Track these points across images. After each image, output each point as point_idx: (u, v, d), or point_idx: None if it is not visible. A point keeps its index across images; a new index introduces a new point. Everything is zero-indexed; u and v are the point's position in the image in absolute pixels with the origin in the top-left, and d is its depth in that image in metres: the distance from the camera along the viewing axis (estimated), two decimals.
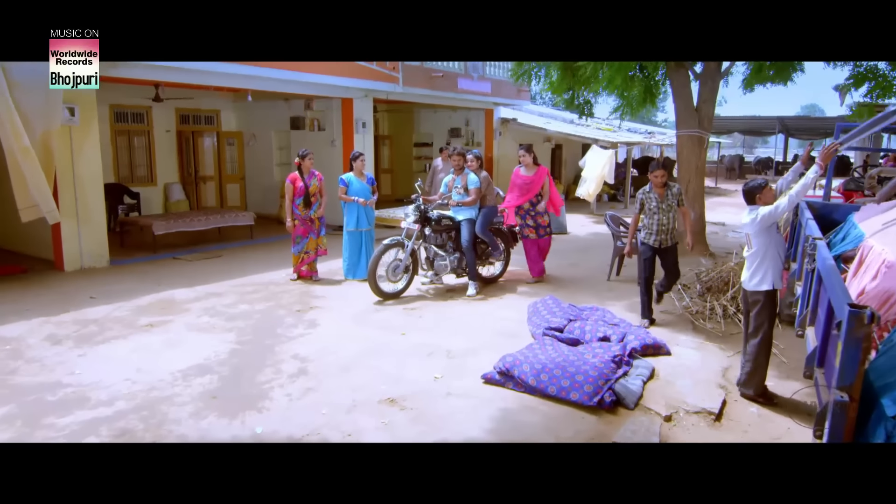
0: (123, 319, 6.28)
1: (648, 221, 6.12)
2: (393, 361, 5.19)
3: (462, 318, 6.46)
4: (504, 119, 16.96)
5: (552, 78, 10.99)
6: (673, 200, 6.07)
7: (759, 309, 4.53)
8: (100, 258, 8.84)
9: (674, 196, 6.08)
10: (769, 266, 4.47)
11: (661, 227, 6.06)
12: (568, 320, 5.95)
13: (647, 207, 6.10)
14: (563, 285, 7.93)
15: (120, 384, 4.65)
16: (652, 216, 6.09)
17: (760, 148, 56.31)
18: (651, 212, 6.09)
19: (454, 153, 7.51)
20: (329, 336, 5.85)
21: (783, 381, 4.95)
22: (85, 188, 8.64)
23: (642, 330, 5.74)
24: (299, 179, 7.73)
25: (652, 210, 6.08)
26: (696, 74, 9.89)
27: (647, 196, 6.12)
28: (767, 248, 4.47)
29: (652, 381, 4.82)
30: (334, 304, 6.92)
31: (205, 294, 7.30)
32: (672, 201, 6.06)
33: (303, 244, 7.89)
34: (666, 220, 6.05)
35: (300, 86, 11.01)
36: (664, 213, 6.04)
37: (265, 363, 5.12)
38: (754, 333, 4.57)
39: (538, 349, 5.06)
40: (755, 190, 4.46)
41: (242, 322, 6.23)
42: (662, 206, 6.04)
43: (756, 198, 4.44)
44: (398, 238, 7.20)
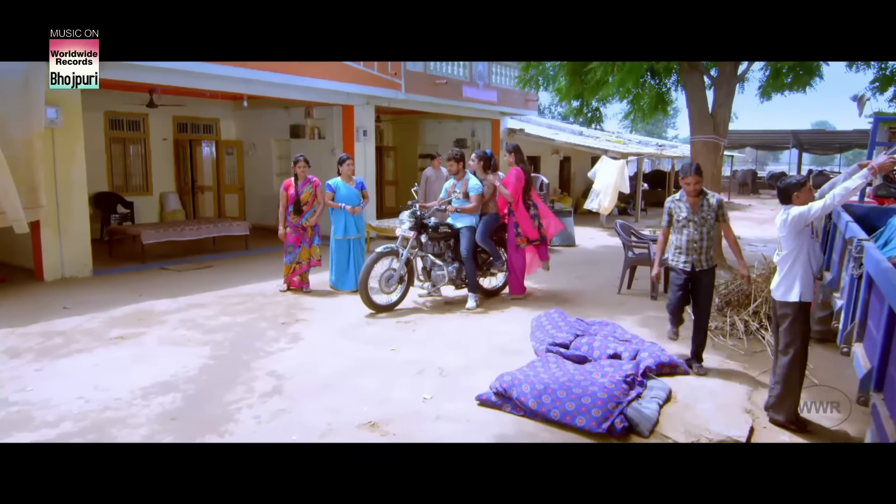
0: (93, 331, 5.81)
1: (677, 237, 4.95)
2: (379, 379, 4.67)
3: (459, 333, 5.94)
4: (511, 129, 16.52)
5: (560, 84, 10.57)
6: (709, 213, 4.84)
7: (789, 324, 4.00)
8: (82, 267, 8.41)
9: (711, 208, 4.84)
10: (799, 273, 3.96)
11: (691, 244, 4.84)
12: (574, 335, 5.41)
13: (676, 219, 4.93)
14: (569, 299, 7.39)
15: (71, 403, 4.16)
16: (681, 230, 4.90)
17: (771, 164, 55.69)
18: (679, 225, 4.91)
19: (450, 157, 7.02)
20: (312, 351, 5.35)
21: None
22: (68, 194, 8.24)
23: (657, 346, 5.18)
24: (292, 186, 7.28)
25: (680, 223, 4.90)
26: (712, 78, 9.40)
27: (676, 205, 4.93)
28: (798, 254, 3.97)
29: (669, 404, 4.27)
30: (322, 317, 6.43)
31: (186, 305, 6.83)
32: (708, 214, 4.83)
33: (295, 254, 7.42)
34: (698, 236, 4.81)
35: (299, 91, 10.61)
36: (697, 227, 4.82)
37: (237, 380, 4.62)
38: (785, 351, 4.03)
39: (540, 367, 4.53)
40: (792, 188, 3.94)
41: (220, 335, 5.74)
42: (694, 220, 4.82)
43: (793, 196, 3.94)
44: (392, 246, 6.71)
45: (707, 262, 4.89)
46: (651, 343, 5.32)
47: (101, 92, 11.14)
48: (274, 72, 9.75)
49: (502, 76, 15.08)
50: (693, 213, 4.84)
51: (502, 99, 15.15)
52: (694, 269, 4.87)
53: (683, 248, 4.89)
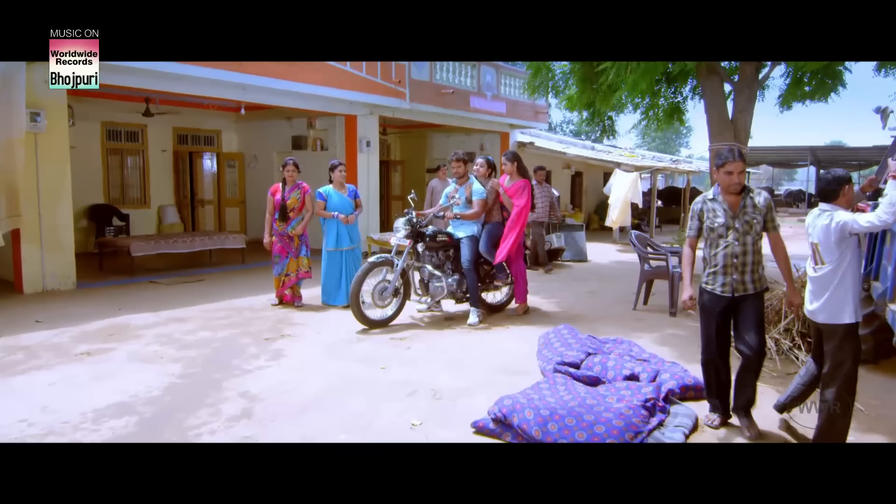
0: (59, 346, 5.33)
1: (710, 252, 3.64)
2: (364, 402, 4.13)
3: (458, 350, 5.40)
4: (521, 143, 16.05)
5: (571, 92, 10.11)
6: (755, 217, 3.53)
7: (836, 345, 3.38)
8: (66, 280, 7.98)
9: (757, 210, 3.54)
10: (849, 290, 3.32)
11: (730, 260, 3.55)
12: (586, 354, 4.84)
13: (709, 226, 3.62)
14: (580, 315, 6.82)
15: (12, 426, 3.66)
16: (716, 242, 3.60)
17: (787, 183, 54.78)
18: (715, 234, 3.59)
19: (454, 158, 6.53)
20: (293, 369, 4.83)
21: (864, 436, 3.79)
22: (52, 203, 7.83)
23: (679, 367, 4.60)
24: (279, 191, 6.83)
25: (716, 231, 3.59)
26: (732, 83, 8.88)
27: (709, 207, 3.62)
28: (847, 266, 3.34)
29: (696, 433, 3.69)
30: (310, 333, 5.91)
31: (166, 320, 6.35)
32: (754, 217, 3.53)
33: (283, 265, 6.93)
34: (741, 249, 3.53)
35: (300, 98, 10.23)
36: (739, 236, 3.52)
37: (203, 402, 4.10)
38: (831, 377, 3.41)
39: (546, 389, 3.97)
40: (843, 181, 3.33)
41: (196, 351, 5.24)
42: (735, 226, 3.52)
43: (842, 192, 3.33)
44: (386, 256, 6.21)
45: (754, 285, 3.59)
46: (672, 363, 4.73)
47: (98, 101, 10.85)
48: (273, 77, 9.36)
49: (511, 87, 14.66)
50: (734, 217, 3.54)
51: (511, 111, 14.71)
52: (734, 293, 3.58)
53: (720, 266, 3.56)
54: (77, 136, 11.02)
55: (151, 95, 10.45)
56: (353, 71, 10.62)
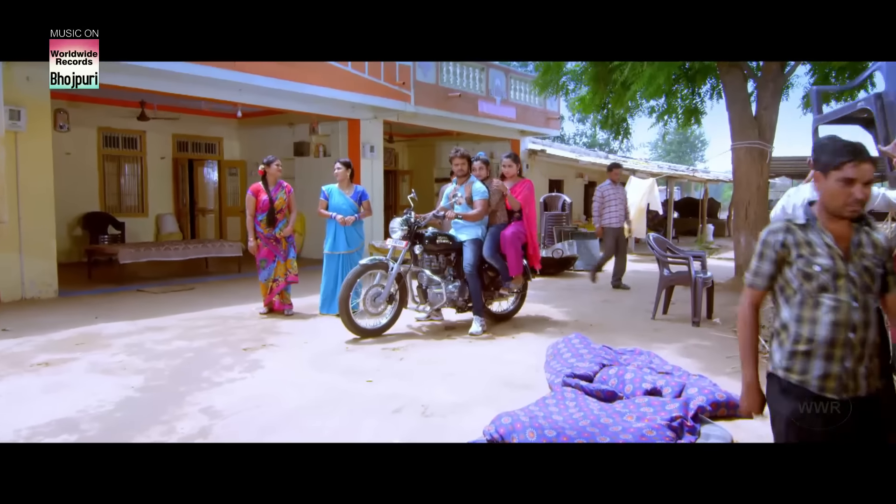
0: (16, 356, 4.85)
1: (800, 316, 1.98)
2: (343, 420, 3.58)
3: (456, 362, 4.83)
4: (532, 150, 15.55)
5: (581, 92, 9.61)
6: (874, 262, 1.96)
7: None
8: (46, 288, 7.53)
9: (878, 252, 1.98)
10: None
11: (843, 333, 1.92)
12: (600, 365, 4.26)
13: (804, 270, 1.96)
14: (593, 325, 6.23)
15: None
16: (813, 300, 1.96)
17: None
18: (813, 286, 1.95)
19: (456, 155, 6.01)
20: (269, 382, 4.29)
21: None
22: (33, 208, 7.39)
23: (707, 380, 3.99)
24: (262, 192, 6.35)
25: (815, 281, 1.95)
26: (756, 78, 8.32)
27: (800, 238, 1.99)
28: None
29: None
30: (294, 342, 5.38)
31: (142, 328, 5.85)
32: (874, 262, 1.96)
33: (270, 269, 6.42)
34: (861, 317, 1.92)
35: (300, 100, 9.80)
36: (857, 292, 1.93)
37: (158, 419, 3.57)
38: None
39: (553, 405, 3.40)
40: None
41: (165, 362, 4.72)
42: (850, 273, 1.93)
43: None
44: (381, 258, 5.68)
45: (880, 379, 2.02)
46: (699, 376, 4.13)
47: (94, 106, 10.52)
48: (273, 77, 8.91)
49: (521, 91, 14.17)
50: (844, 258, 1.95)
51: (522, 116, 14.21)
52: (843, 395, 1.94)
53: (820, 343, 1.94)
54: (72, 141, 10.71)
55: (147, 96, 10.06)
56: (355, 72, 10.19)
